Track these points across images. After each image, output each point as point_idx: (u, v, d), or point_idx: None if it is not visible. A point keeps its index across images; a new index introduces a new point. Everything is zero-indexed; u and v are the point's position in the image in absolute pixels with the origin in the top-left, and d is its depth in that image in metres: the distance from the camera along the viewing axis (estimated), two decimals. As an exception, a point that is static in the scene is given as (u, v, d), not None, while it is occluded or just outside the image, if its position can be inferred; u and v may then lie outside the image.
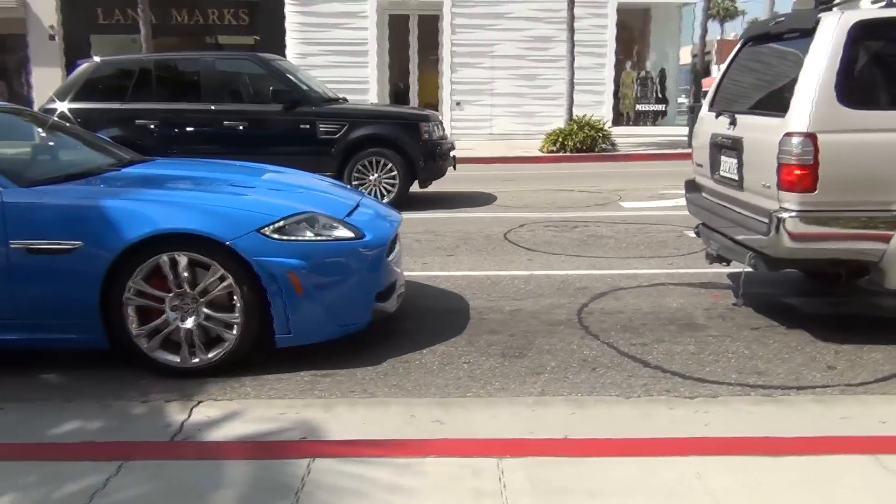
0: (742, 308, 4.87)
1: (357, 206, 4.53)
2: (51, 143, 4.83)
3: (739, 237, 4.47)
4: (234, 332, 3.82)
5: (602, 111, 19.33)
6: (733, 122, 4.60)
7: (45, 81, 18.15)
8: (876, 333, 4.33)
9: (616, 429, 3.23)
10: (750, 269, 4.40)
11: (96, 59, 9.92)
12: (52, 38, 19.92)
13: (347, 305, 4.03)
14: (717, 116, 4.89)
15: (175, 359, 3.85)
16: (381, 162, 9.05)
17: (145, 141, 9.00)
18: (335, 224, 4.08)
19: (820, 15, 4.09)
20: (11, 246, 3.69)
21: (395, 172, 9.04)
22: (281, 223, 3.87)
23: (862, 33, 3.93)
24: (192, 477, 2.69)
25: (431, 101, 20.79)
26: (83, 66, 9.51)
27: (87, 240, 3.69)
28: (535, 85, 19.94)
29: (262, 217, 3.84)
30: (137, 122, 9.13)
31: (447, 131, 19.62)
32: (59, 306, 3.76)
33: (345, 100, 10.40)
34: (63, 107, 9.20)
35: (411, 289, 5.43)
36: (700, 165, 5.20)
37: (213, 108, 9.14)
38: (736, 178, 4.55)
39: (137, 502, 2.53)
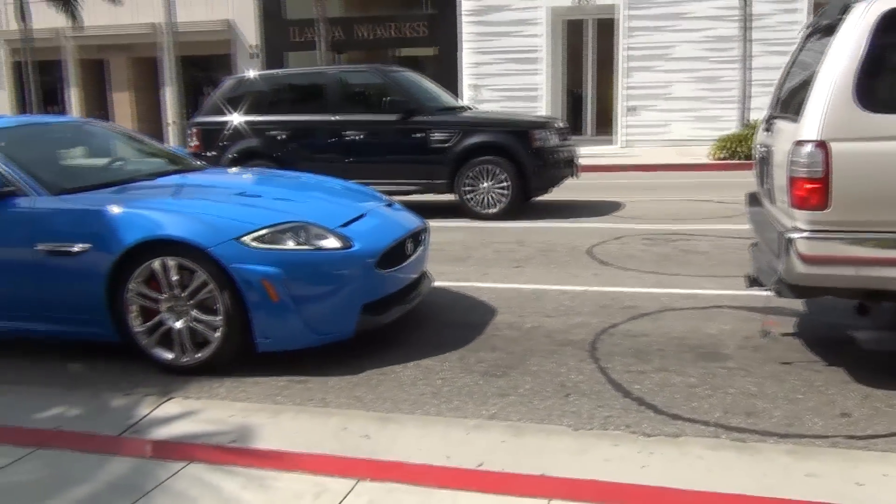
0: (787, 339, 4.30)
1: (362, 214, 4.57)
2: (108, 153, 5.37)
3: (769, 258, 3.96)
4: (217, 334, 4.02)
5: (791, 114, 17.74)
6: (769, 129, 4.09)
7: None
8: (933, 378, 3.65)
9: (537, 462, 2.98)
10: (772, 294, 3.87)
11: (250, 73, 10.75)
12: (253, 56, 21.91)
13: (327, 315, 4.08)
14: (765, 121, 4.37)
15: (170, 356, 4.12)
16: (493, 170, 9.00)
17: (275, 151, 9.65)
18: (325, 234, 4.16)
19: (850, 4, 3.51)
20: (37, 248, 4.15)
21: (506, 181, 8.95)
22: (262, 232, 4.01)
23: (891, 25, 3.32)
24: (76, 468, 2.89)
25: (606, 106, 20.36)
26: (228, 83, 10.37)
27: (94, 243, 4.07)
28: (715, 88, 18.70)
29: (243, 226, 4.01)
30: (268, 133, 9.78)
31: (620, 138, 19.36)
32: (76, 303, 4.17)
33: (467, 108, 10.43)
34: (237, 119, 9.90)
35: (446, 299, 5.40)
36: (756, 177, 4.66)
37: (334, 118, 9.58)
38: (770, 190, 4.04)
39: (20, 486, 2.77)
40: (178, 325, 4.07)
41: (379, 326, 4.32)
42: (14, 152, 4.47)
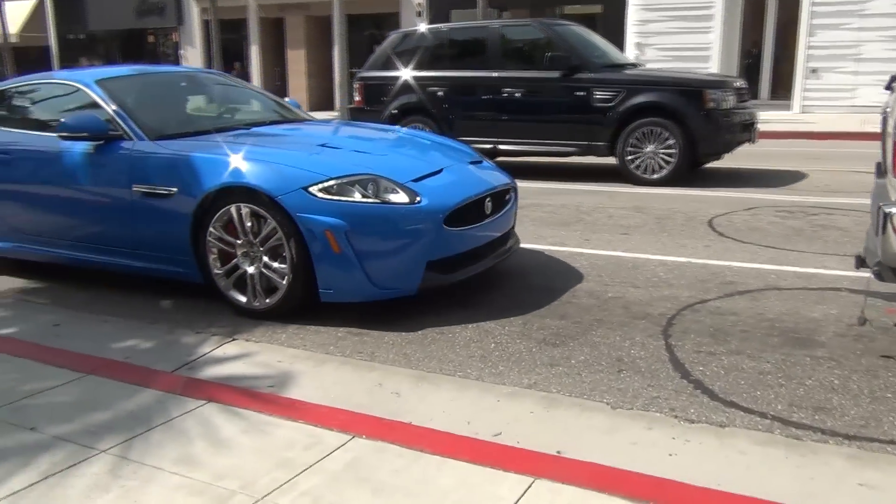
0: (900, 330, 3.76)
1: (440, 170, 4.46)
2: (216, 102, 5.60)
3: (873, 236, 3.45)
4: (284, 282, 4.11)
5: None
6: (889, 87, 3.53)
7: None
8: None
9: (557, 438, 2.80)
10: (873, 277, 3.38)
11: (420, 27, 10.58)
12: (419, 14, 22.15)
13: (390, 270, 4.04)
14: (892, 78, 3.79)
15: (243, 299, 4.28)
16: (658, 132, 8.41)
17: (434, 107, 9.63)
18: (394, 187, 4.10)
19: None
20: (134, 189, 4.43)
21: (673, 144, 8.38)
22: (330, 183, 4.02)
23: None
24: (109, 396, 3.06)
25: (785, 68, 18.75)
26: (392, 37, 10.35)
27: (179, 187, 4.27)
28: (915, 48, 16.68)
29: (312, 176, 4.03)
30: (429, 89, 9.77)
31: (798, 102, 17.77)
32: (165, 243, 4.42)
33: (635, 65, 9.79)
34: (399, 74, 10.01)
35: (535, 262, 5.23)
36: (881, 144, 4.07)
37: (494, 75, 9.36)
38: (885, 158, 3.50)
39: (55, 406, 2.98)
40: (251, 270, 4.21)
41: (445, 285, 4.23)
42: (123, 99, 4.77)
